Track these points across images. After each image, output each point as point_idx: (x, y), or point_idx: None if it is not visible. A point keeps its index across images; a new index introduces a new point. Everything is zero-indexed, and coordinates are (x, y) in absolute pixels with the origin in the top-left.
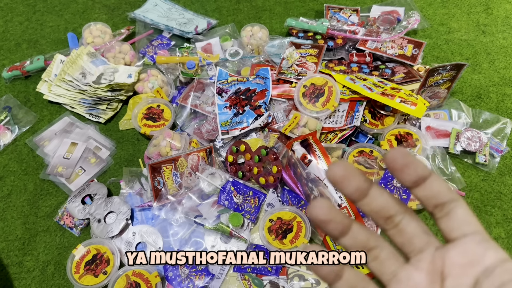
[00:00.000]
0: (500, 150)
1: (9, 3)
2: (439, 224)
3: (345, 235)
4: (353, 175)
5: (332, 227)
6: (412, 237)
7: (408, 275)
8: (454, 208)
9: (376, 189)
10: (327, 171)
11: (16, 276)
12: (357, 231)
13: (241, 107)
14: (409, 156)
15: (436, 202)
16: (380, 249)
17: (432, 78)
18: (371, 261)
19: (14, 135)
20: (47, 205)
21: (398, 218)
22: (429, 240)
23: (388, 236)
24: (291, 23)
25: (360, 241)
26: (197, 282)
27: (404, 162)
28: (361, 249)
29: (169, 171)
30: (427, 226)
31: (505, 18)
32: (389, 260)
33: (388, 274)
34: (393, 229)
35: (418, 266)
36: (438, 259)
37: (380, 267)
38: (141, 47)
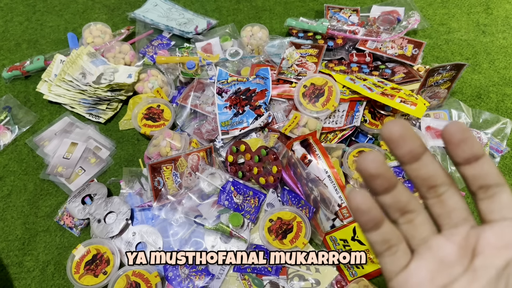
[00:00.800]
0: (500, 150)
1: (9, 3)
2: (480, 204)
3: (389, 193)
4: (410, 136)
5: (380, 183)
6: (452, 210)
7: (439, 244)
8: (499, 192)
9: (428, 156)
10: (382, 128)
11: (16, 276)
12: (401, 191)
13: (241, 107)
14: (468, 132)
15: (482, 183)
16: (417, 214)
17: (432, 78)
18: (404, 223)
19: (14, 135)
20: (47, 205)
21: (442, 189)
22: (467, 217)
23: (427, 204)
24: (291, 23)
25: (401, 201)
26: (197, 282)
27: (462, 137)
28: (399, 209)
29: (169, 171)
30: (467, 205)
31: (505, 18)
32: (423, 226)
33: (419, 240)
34: (434, 198)
35: (451, 239)
36: (472, 236)
37: (412, 231)
38: (141, 47)
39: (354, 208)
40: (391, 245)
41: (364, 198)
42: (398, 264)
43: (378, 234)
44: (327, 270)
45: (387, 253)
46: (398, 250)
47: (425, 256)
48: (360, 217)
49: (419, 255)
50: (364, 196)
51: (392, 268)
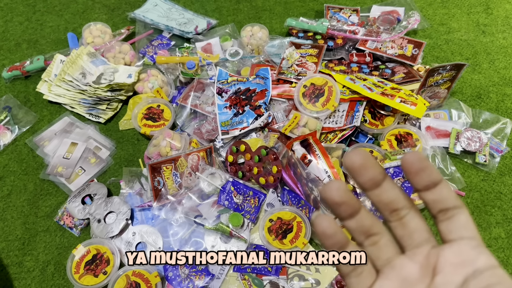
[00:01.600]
0: (500, 150)
1: (9, 3)
2: (439, 226)
3: (353, 218)
4: (371, 165)
5: (343, 209)
6: (413, 232)
7: (402, 264)
8: (457, 214)
9: (388, 182)
10: (344, 158)
11: (16, 276)
12: (364, 216)
13: (241, 107)
14: (425, 161)
15: (441, 206)
16: (380, 236)
17: (432, 78)
18: (369, 245)
19: (14, 135)
20: (47, 205)
21: (403, 212)
22: (428, 237)
23: (390, 227)
24: (291, 23)
25: (365, 225)
26: (197, 282)
27: (420, 166)
28: (364, 233)
29: (169, 171)
30: (428, 226)
31: (505, 18)
32: (387, 248)
33: (383, 260)
34: (397, 221)
35: (413, 259)
36: (433, 256)
37: (377, 252)
38: (141, 47)
39: (320, 233)
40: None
41: (329, 223)
42: (364, 284)
43: (355, 222)
44: (327, 270)
45: (352, 274)
46: (363, 271)
47: (389, 275)
48: (326, 241)
49: (383, 275)
50: (329, 221)
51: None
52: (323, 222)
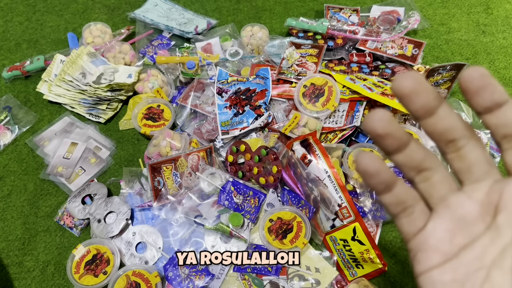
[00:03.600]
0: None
1: (9, 3)
2: (505, 156)
3: (401, 152)
4: (423, 90)
5: (389, 142)
6: (473, 165)
7: (459, 202)
8: None
9: (445, 108)
10: (393, 82)
11: (16, 276)
12: (414, 149)
13: (241, 107)
14: (488, 77)
15: (507, 132)
16: (434, 171)
17: (432, 78)
18: (421, 181)
19: (14, 135)
20: (47, 205)
21: (461, 143)
22: (489, 171)
23: (446, 159)
24: (291, 23)
25: (415, 160)
26: (197, 282)
27: (481, 83)
28: (414, 168)
29: (169, 171)
30: (490, 157)
31: (505, 18)
32: (441, 184)
33: (437, 198)
34: (454, 153)
35: (472, 195)
36: (495, 192)
37: (430, 189)
38: (141, 47)
39: (362, 171)
40: (406, 206)
41: (371, 160)
42: (415, 225)
43: (391, 196)
44: (327, 270)
45: (402, 214)
46: (414, 211)
47: (444, 215)
48: (369, 180)
49: (437, 215)
50: (372, 159)
51: (409, 229)
52: (364, 159)
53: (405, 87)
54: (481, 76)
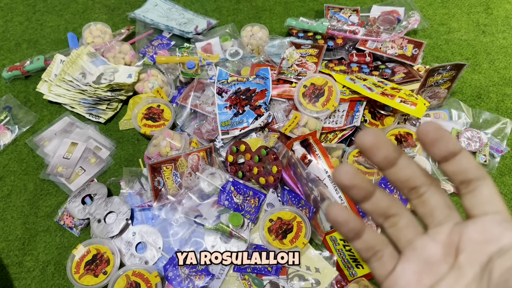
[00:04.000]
0: (500, 150)
1: (9, 3)
2: (463, 200)
3: (367, 200)
4: (383, 144)
5: (356, 193)
6: (434, 209)
7: (424, 245)
8: (480, 186)
9: (404, 159)
10: (356, 138)
11: (16, 276)
12: (379, 197)
13: (241, 107)
14: (442, 130)
15: (463, 178)
16: (400, 217)
17: (432, 78)
18: (389, 227)
19: (14, 135)
20: (47, 205)
21: (423, 189)
22: (450, 214)
23: (411, 205)
24: (291, 23)
25: (381, 207)
26: (197, 282)
27: (436, 136)
28: (381, 215)
29: (169, 171)
30: (451, 201)
31: (505, 18)
32: (407, 228)
33: (404, 242)
34: (417, 199)
35: (435, 238)
36: (455, 234)
37: (397, 233)
38: (141, 47)
39: (332, 221)
40: (376, 251)
41: (340, 211)
42: (385, 268)
43: (361, 242)
44: (327, 270)
45: (373, 259)
46: (384, 254)
47: (411, 257)
48: (340, 229)
49: (405, 257)
50: (341, 210)
51: (380, 272)
52: (334, 210)
53: (366, 142)
54: (435, 129)
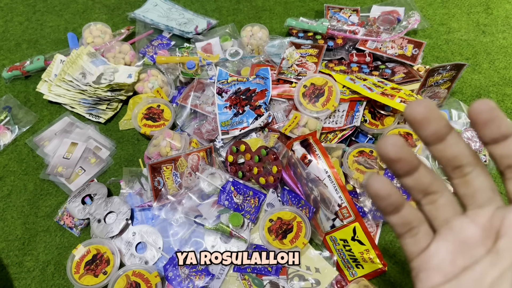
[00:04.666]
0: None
1: (9, 3)
2: (507, 184)
3: (410, 175)
4: (435, 117)
5: (400, 166)
6: (477, 191)
7: (462, 225)
8: None
9: (454, 136)
10: (406, 109)
11: (16, 276)
12: (423, 173)
13: (241, 107)
14: (496, 111)
15: (510, 162)
16: (440, 195)
17: (432, 78)
18: (426, 204)
19: (14, 135)
20: (47, 205)
21: (468, 169)
22: (493, 197)
23: (452, 184)
24: (291, 23)
25: (423, 183)
26: (197, 282)
27: (489, 116)
28: (421, 191)
29: (169, 171)
30: (494, 184)
31: (505, 18)
32: (446, 207)
33: (442, 220)
34: (460, 178)
35: (475, 220)
36: (497, 218)
37: (435, 211)
38: (141, 47)
39: (373, 194)
40: (412, 227)
41: (382, 183)
42: (419, 245)
43: (398, 217)
44: (327, 270)
45: (407, 234)
46: (419, 231)
47: (447, 237)
48: (379, 203)
49: (440, 236)
50: (383, 182)
51: (413, 249)
52: (376, 182)
53: (417, 114)
54: (489, 109)
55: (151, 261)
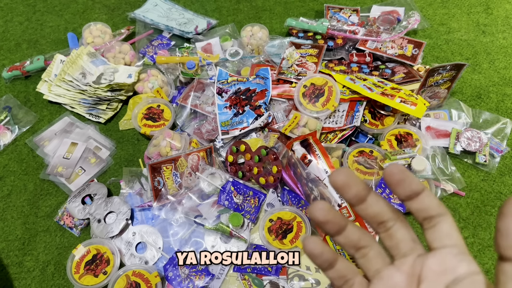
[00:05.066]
0: (500, 150)
1: (9, 3)
2: (425, 234)
3: (340, 234)
4: (354, 183)
5: (329, 227)
6: (400, 242)
7: (390, 274)
8: (440, 222)
9: (373, 197)
10: (329, 177)
11: (16, 276)
12: (351, 231)
13: (241, 107)
14: (405, 172)
15: (425, 215)
16: (369, 248)
17: (432, 78)
18: (359, 257)
19: (14, 135)
20: (47, 205)
21: (389, 224)
22: (414, 246)
23: (380, 238)
24: (291, 23)
25: (352, 240)
26: (197, 282)
27: (400, 177)
28: (352, 246)
29: (169, 171)
30: (415, 234)
31: (505, 18)
32: (376, 259)
33: (373, 271)
34: (384, 233)
35: (400, 268)
36: (418, 264)
37: (367, 264)
38: (141, 47)
39: (308, 253)
40: (347, 279)
41: (315, 244)
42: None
43: (334, 272)
44: None
45: (344, 286)
46: (354, 283)
47: (378, 286)
48: (315, 261)
49: (373, 286)
50: (315, 242)
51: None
52: (310, 243)
53: (339, 180)
54: (400, 171)
55: (151, 261)
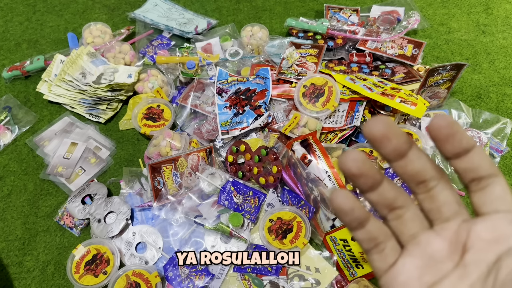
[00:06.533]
0: (500, 150)
1: (9, 3)
2: (472, 197)
3: (374, 190)
4: (394, 134)
5: (363, 182)
6: (442, 205)
7: (429, 240)
8: (492, 184)
9: (415, 151)
10: (364, 127)
11: (16, 276)
12: (387, 188)
13: (241, 107)
14: (455, 126)
15: (474, 175)
16: (406, 209)
17: (432, 78)
18: (393, 219)
19: (14, 135)
20: (47, 205)
21: (432, 184)
22: (459, 210)
23: (417, 199)
24: (291, 23)
25: (387, 198)
26: (197, 282)
27: (449, 131)
28: (386, 206)
29: (169, 171)
30: (459, 197)
31: (505, 18)
32: (413, 222)
33: (408, 236)
34: (424, 194)
35: (441, 234)
36: (463, 231)
37: (401, 226)
38: (141, 47)
39: (336, 208)
40: (378, 242)
41: (345, 198)
42: (386, 261)
43: (364, 232)
44: (327, 270)
45: (374, 250)
46: (386, 247)
47: (414, 252)
48: (343, 218)
49: (407, 252)
50: (346, 196)
51: (380, 265)
52: (339, 197)
53: (376, 131)
54: (449, 124)
55: (151, 261)
